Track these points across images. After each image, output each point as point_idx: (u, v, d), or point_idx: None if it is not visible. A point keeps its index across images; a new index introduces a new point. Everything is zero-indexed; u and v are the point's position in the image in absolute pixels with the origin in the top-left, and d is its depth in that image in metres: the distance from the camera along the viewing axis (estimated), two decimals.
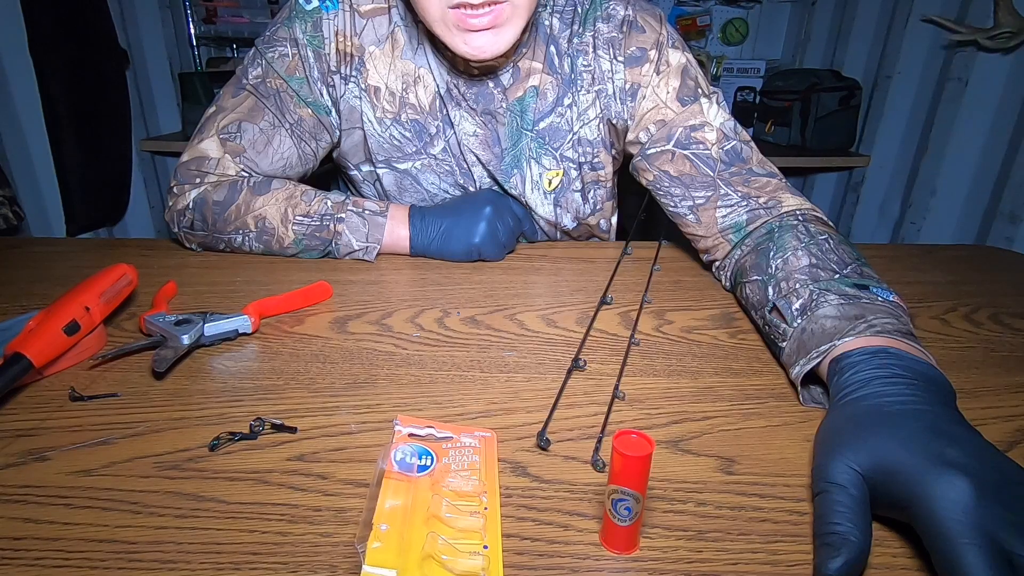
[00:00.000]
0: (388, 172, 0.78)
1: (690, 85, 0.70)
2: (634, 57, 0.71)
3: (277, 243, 0.72)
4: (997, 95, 1.69)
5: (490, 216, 0.72)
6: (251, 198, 0.71)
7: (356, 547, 0.30)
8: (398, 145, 0.76)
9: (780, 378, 0.50)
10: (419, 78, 0.73)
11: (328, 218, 0.71)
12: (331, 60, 0.71)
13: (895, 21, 1.92)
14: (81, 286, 0.51)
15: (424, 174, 0.78)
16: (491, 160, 0.76)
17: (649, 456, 0.30)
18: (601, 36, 0.71)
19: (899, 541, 0.34)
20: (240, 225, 0.72)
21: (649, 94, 0.71)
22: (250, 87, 0.72)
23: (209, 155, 0.72)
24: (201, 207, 0.72)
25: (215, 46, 2.39)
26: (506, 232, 0.74)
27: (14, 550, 0.32)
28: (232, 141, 0.72)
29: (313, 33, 0.71)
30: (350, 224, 0.71)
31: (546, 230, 0.84)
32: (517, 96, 0.73)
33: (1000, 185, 1.66)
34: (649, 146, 0.71)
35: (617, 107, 0.73)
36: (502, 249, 0.74)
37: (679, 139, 0.69)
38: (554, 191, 0.79)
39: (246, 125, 0.72)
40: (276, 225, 0.71)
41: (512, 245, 0.77)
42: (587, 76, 0.73)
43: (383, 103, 0.74)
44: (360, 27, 0.71)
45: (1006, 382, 0.51)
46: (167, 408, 0.44)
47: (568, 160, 0.77)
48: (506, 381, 0.49)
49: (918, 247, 0.88)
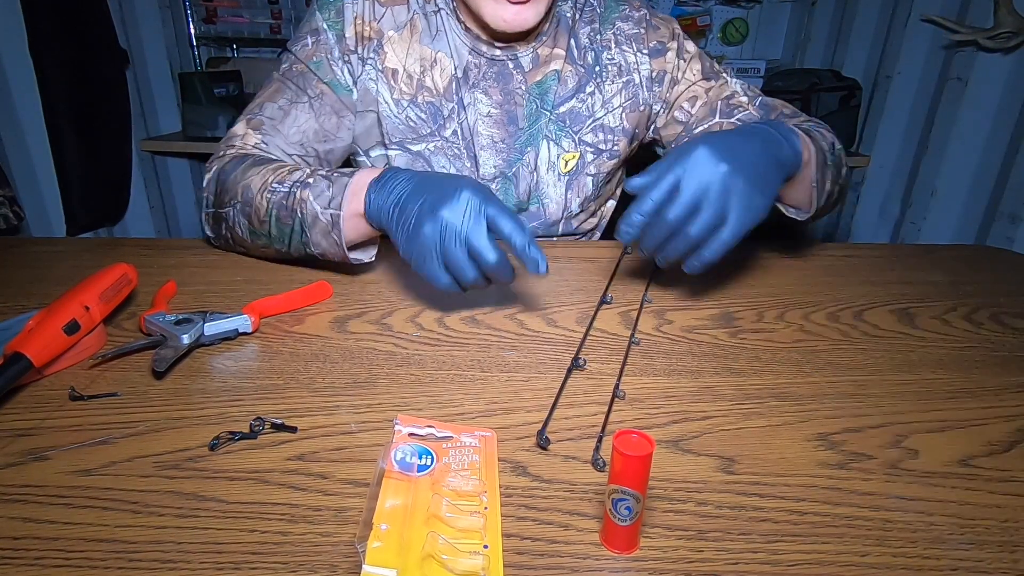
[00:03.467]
0: (401, 154, 0.80)
1: (708, 65, 0.83)
2: (656, 49, 0.82)
3: (255, 216, 0.66)
4: (997, 95, 1.69)
5: (473, 192, 0.53)
6: (247, 169, 0.68)
7: (356, 547, 0.30)
8: (413, 127, 0.79)
9: (780, 378, 0.50)
10: (436, 62, 0.77)
11: (298, 185, 0.63)
12: (350, 41, 0.76)
13: (895, 21, 1.93)
14: (81, 286, 0.51)
15: (436, 156, 0.80)
16: (504, 138, 0.80)
17: (649, 456, 0.30)
18: (623, 33, 0.82)
19: (900, 540, 0.34)
20: (231, 196, 0.68)
21: (680, 78, 0.82)
22: (278, 76, 0.78)
23: (236, 133, 0.75)
24: (214, 180, 0.72)
25: (215, 46, 2.39)
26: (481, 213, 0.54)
27: (14, 550, 0.32)
28: (255, 119, 0.75)
29: (335, 19, 0.76)
30: (315, 189, 0.61)
31: (549, 213, 0.85)
32: (536, 80, 0.80)
33: (1000, 185, 1.66)
34: (694, 124, 0.82)
35: (645, 94, 0.83)
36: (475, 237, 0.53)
37: (722, 110, 0.80)
38: (568, 173, 0.83)
39: (268, 104, 0.76)
40: (255, 195, 0.65)
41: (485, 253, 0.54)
42: (612, 68, 0.82)
43: (401, 85, 0.78)
44: (380, 14, 0.77)
45: (1006, 382, 0.51)
46: (167, 408, 0.44)
47: (586, 144, 0.83)
48: (506, 381, 0.49)
49: (918, 247, 0.88)
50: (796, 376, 0.51)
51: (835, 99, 1.98)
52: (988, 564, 0.33)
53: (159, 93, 2.20)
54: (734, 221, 0.53)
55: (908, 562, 0.32)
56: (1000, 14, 1.58)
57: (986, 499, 0.37)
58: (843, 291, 0.69)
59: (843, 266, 0.77)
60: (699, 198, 0.52)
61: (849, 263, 0.79)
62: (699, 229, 0.53)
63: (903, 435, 0.43)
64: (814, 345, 0.56)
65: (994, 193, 1.68)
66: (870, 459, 0.40)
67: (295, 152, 0.75)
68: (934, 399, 0.48)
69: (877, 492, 0.37)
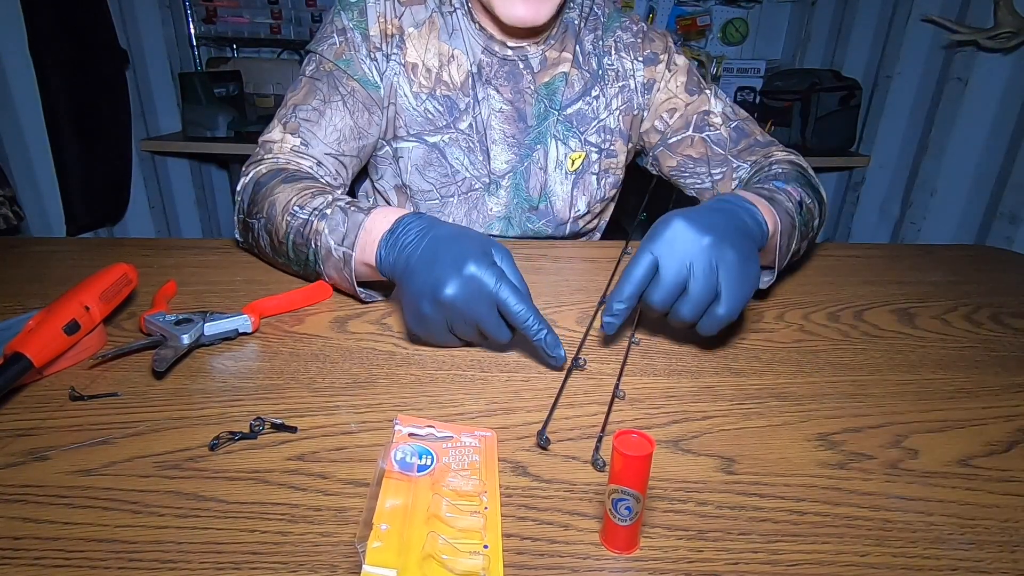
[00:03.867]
0: (418, 146, 0.81)
1: (695, 79, 0.86)
2: (649, 58, 0.85)
3: (275, 235, 0.65)
4: (997, 95, 1.69)
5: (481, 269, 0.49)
6: (278, 184, 0.67)
7: (356, 547, 0.30)
8: (431, 119, 0.81)
9: (780, 378, 0.50)
10: (453, 57, 0.80)
11: (316, 214, 0.61)
12: (375, 39, 0.78)
13: (895, 21, 1.93)
14: (81, 286, 0.51)
15: (450, 148, 0.82)
16: (515, 134, 0.82)
17: (649, 456, 0.30)
18: (622, 41, 0.85)
19: (900, 540, 0.34)
20: (259, 209, 0.68)
21: (663, 87, 0.85)
22: (306, 79, 0.78)
23: (273, 139, 0.75)
24: (249, 187, 0.71)
25: (215, 46, 2.39)
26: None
27: (14, 550, 0.32)
28: (290, 122, 0.75)
29: (359, 18, 0.78)
30: (331, 221, 0.59)
31: (557, 211, 0.86)
32: (544, 81, 0.82)
33: (1000, 185, 1.66)
34: (670, 136, 0.85)
35: (638, 99, 0.86)
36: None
37: (695, 123, 0.83)
38: (575, 171, 0.86)
39: (301, 107, 0.76)
40: (277, 214, 0.64)
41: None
42: (612, 74, 0.85)
43: (420, 78, 0.80)
44: (400, 12, 0.79)
45: (1006, 382, 0.51)
46: (167, 408, 0.44)
47: (591, 145, 0.86)
48: (506, 381, 0.49)
49: (918, 247, 0.88)
50: (796, 376, 0.51)
51: (835, 99, 1.98)
52: (988, 564, 0.33)
53: (159, 93, 2.19)
54: (729, 296, 0.48)
55: (908, 562, 0.32)
56: (1000, 14, 1.58)
57: (986, 499, 0.37)
58: (843, 291, 0.69)
59: (843, 266, 0.77)
60: (684, 276, 0.48)
61: (849, 263, 0.79)
62: (691, 310, 0.48)
63: (903, 435, 0.43)
64: (814, 345, 0.56)
65: (994, 193, 1.68)
66: (870, 459, 0.40)
67: (332, 152, 0.75)
68: (934, 399, 0.48)
69: (877, 492, 0.37)
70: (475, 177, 0.83)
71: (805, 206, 0.65)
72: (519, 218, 0.86)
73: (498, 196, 0.84)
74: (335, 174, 0.76)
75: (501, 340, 0.51)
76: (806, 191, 0.67)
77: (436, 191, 0.83)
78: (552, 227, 0.87)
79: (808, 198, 0.67)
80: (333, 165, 0.75)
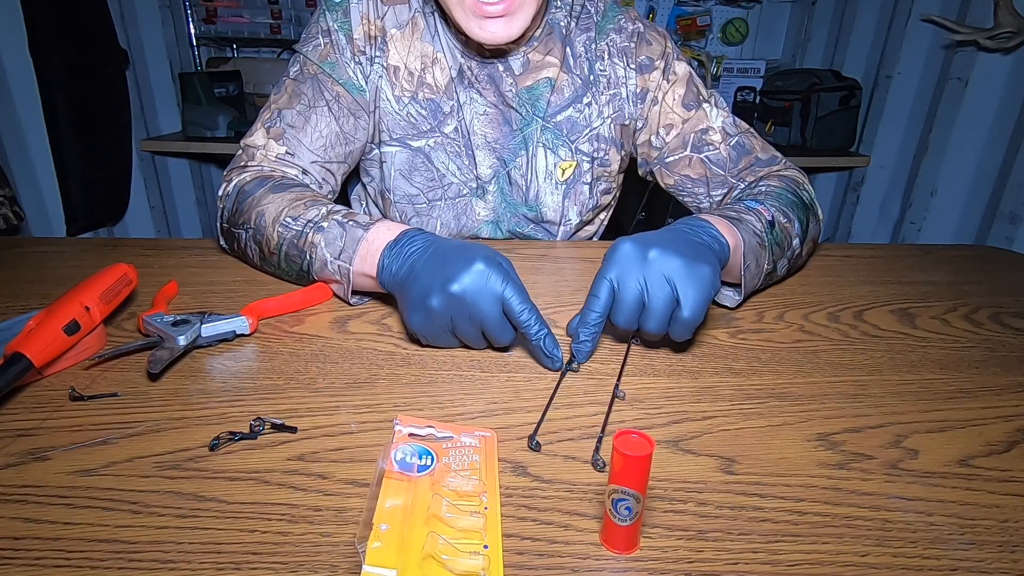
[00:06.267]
0: (401, 151, 0.80)
1: (693, 92, 0.80)
2: (644, 65, 0.80)
3: (266, 246, 0.65)
4: (997, 95, 1.69)
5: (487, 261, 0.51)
6: (266, 194, 0.67)
7: (356, 547, 0.30)
8: (414, 123, 0.79)
9: (780, 378, 0.50)
10: (436, 60, 0.78)
11: (311, 226, 0.61)
12: (359, 41, 0.76)
13: (895, 21, 1.93)
14: (81, 286, 0.51)
15: (436, 152, 0.80)
16: (499, 139, 0.80)
17: (649, 456, 0.30)
18: (615, 46, 0.80)
19: (900, 540, 0.34)
20: (245, 220, 0.67)
21: (660, 99, 0.80)
22: (289, 80, 0.76)
23: (256, 144, 0.74)
24: (233, 195, 0.70)
25: (215, 46, 2.39)
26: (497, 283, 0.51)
27: (14, 550, 0.32)
28: (275, 127, 0.74)
29: (343, 19, 0.76)
30: (328, 235, 0.59)
31: (546, 220, 0.85)
32: (527, 85, 0.79)
33: (1000, 185, 1.66)
34: (667, 154, 0.81)
35: (630, 109, 0.82)
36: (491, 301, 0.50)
37: (693, 143, 0.79)
38: (566, 181, 0.83)
39: (286, 111, 0.75)
40: (267, 225, 0.64)
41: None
42: (603, 80, 0.81)
43: (402, 82, 0.78)
44: (383, 12, 0.77)
45: (1006, 382, 0.51)
46: (167, 408, 0.44)
47: (582, 154, 0.82)
48: (506, 381, 0.49)
49: (918, 247, 0.88)
50: (796, 376, 0.51)
51: (835, 99, 1.98)
52: (988, 564, 0.33)
53: (159, 93, 2.19)
54: (687, 300, 0.48)
55: (908, 562, 0.32)
56: (1000, 14, 1.58)
57: (986, 499, 0.37)
58: (843, 291, 0.69)
59: (843, 266, 0.77)
60: (639, 291, 0.49)
61: (849, 263, 0.79)
62: (656, 323, 0.49)
63: (903, 435, 0.43)
64: (814, 345, 0.56)
65: (994, 193, 1.68)
66: (870, 459, 0.40)
67: (318, 159, 0.74)
68: (934, 399, 0.48)
69: (877, 492, 0.37)
70: (463, 182, 0.81)
71: (779, 224, 0.63)
72: (507, 223, 0.85)
73: (486, 201, 0.83)
74: (321, 181, 0.75)
75: (503, 341, 0.51)
76: (786, 210, 0.66)
77: (423, 195, 0.81)
78: (542, 233, 0.86)
79: (785, 217, 0.65)
80: (319, 173, 0.75)
